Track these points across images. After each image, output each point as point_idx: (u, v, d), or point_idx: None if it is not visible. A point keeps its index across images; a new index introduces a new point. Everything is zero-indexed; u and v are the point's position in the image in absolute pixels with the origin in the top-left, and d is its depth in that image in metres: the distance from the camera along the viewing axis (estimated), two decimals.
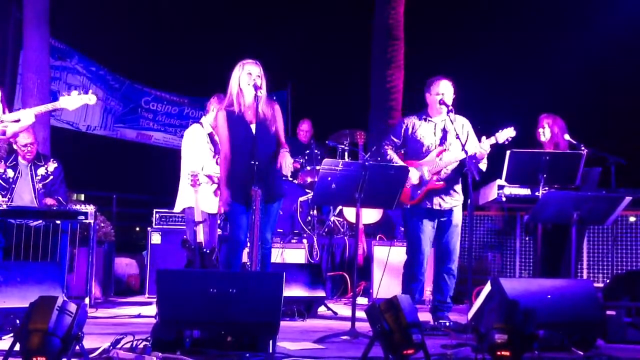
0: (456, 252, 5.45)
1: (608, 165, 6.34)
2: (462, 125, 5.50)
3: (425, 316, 5.39)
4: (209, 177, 5.88)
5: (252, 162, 4.71)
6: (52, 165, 6.27)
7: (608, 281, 6.64)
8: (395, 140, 5.56)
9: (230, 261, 5.02)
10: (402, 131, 5.53)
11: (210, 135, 6.02)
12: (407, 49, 10.79)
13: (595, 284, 6.34)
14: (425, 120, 5.49)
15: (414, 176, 5.34)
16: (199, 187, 5.73)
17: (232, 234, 5.09)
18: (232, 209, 5.03)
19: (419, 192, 5.40)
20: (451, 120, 5.33)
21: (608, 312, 4.64)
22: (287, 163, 4.90)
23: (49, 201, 6.04)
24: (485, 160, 5.36)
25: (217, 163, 5.72)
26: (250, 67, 5.00)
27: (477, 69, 11.47)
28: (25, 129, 5.18)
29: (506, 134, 5.25)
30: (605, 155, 6.27)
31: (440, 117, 5.43)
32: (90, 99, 5.07)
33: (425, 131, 5.46)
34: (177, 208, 6.07)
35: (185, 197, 5.94)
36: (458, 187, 5.49)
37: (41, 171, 6.20)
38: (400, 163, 5.40)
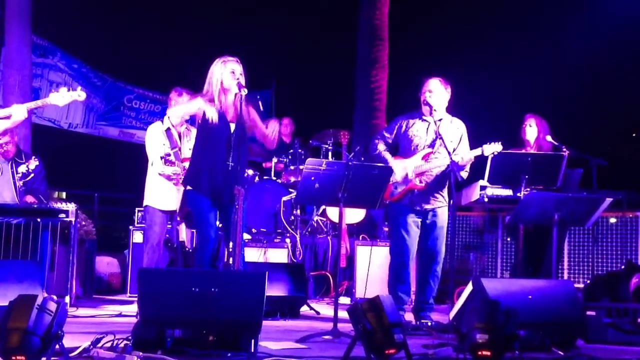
0: (441, 254, 5.44)
1: (589, 166, 6.39)
2: (457, 128, 5.48)
3: (407, 316, 5.41)
4: (167, 176, 5.79)
5: (227, 162, 4.70)
6: (33, 163, 6.23)
7: (588, 282, 6.69)
8: (387, 135, 5.54)
9: (202, 259, 4.95)
10: (396, 128, 5.50)
11: (167, 131, 5.92)
12: (391, 50, 10.82)
13: (576, 285, 6.39)
14: (420, 118, 5.47)
15: (398, 171, 5.33)
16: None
17: (200, 230, 5.04)
18: (198, 204, 4.98)
19: (399, 190, 5.40)
20: (435, 123, 5.31)
21: (588, 313, 4.67)
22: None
23: (29, 199, 6.00)
24: (467, 168, 5.37)
25: (164, 163, 5.64)
26: (233, 65, 4.93)
27: (461, 69, 11.52)
28: (17, 124, 5.15)
29: (493, 148, 5.27)
30: (587, 156, 6.31)
31: (433, 117, 5.36)
32: (80, 95, 5.07)
33: (418, 129, 5.43)
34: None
35: (149, 194, 5.92)
36: (443, 190, 5.46)
37: (22, 169, 6.16)
38: (389, 157, 5.40)
